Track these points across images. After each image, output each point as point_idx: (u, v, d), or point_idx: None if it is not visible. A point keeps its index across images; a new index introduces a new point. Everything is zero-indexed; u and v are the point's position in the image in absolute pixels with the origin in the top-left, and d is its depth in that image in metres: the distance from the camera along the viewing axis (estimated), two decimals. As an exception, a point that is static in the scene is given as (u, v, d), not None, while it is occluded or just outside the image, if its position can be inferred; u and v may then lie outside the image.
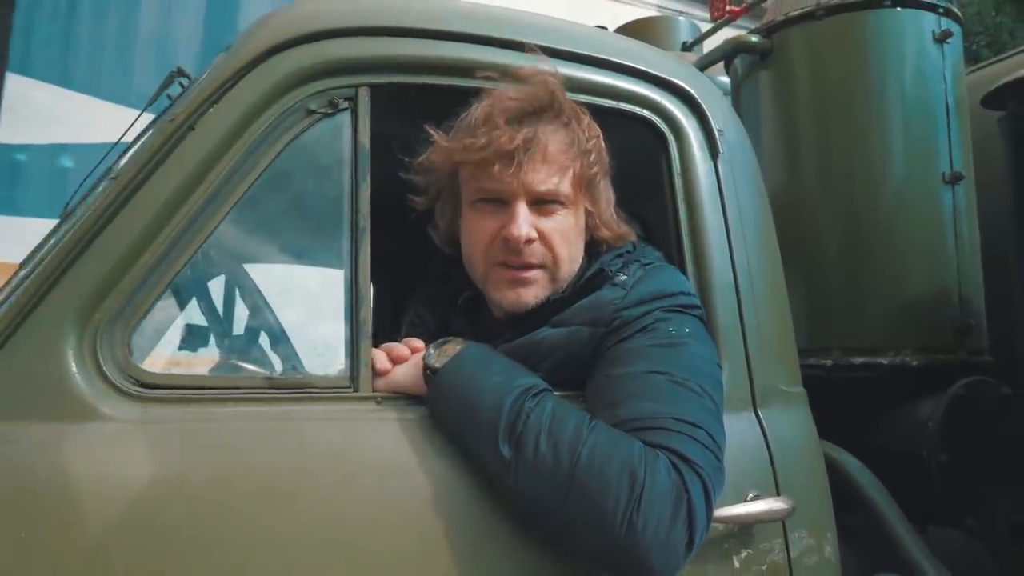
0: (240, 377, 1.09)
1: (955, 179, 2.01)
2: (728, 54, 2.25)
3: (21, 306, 0.99)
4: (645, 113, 1.40)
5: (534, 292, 1.19)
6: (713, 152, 1.42)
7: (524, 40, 1.29)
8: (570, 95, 1.26)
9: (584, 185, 1.22)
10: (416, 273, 1.50)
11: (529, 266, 1.18)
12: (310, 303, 1.18)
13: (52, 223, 1.70)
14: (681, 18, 2.89)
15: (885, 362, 1.93)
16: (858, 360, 1.95)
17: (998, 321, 2.06)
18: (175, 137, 1.11)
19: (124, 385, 1.00)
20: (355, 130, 1.20)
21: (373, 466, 1.04)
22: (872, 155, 2.02)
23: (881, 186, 2.01)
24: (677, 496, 0.96)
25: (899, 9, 2.02)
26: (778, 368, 1.38)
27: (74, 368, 0.99)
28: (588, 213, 1.25)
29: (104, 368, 1.00)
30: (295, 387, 1.08)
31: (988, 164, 2.13)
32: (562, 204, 1.19)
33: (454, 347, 1.11)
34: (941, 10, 2.05)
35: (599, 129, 1.26)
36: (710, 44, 2.86)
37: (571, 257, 1.22)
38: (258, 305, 1.24)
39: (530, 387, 1.05)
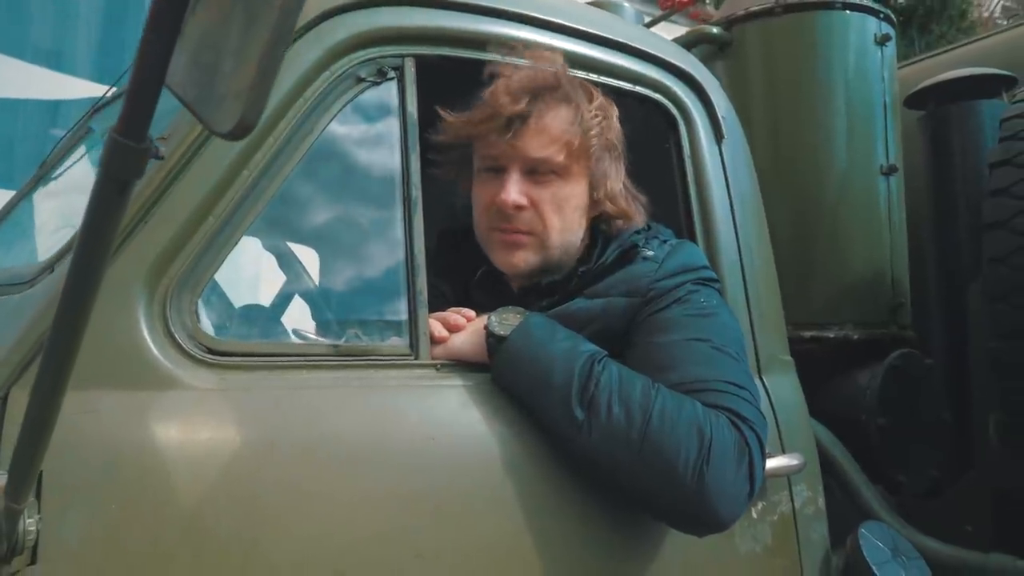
0: (306, 344, 1.08)
1: (890, 171, 2.21)
2: (689, 44, 2.36)
3: (88, 270, 0.95)
4: (657, 96, 1.48)
5: (523, 256, 1.26)
6: (718, 136, 1.52)
7: (560, 21, 1.35)
8: (592, 76, 1.34)
9: (585, 159, 1.27)
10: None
11: (518, 231, 1.25)
12: (364, 272, 1.18)
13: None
14: (626, 5, 2.98)
15: (831, 336, 2.12)
16: (807, 334, 2.12)
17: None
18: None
19: (196, 352, 0.98)
20: (402, 100, 1.20)
21: (446, 430, 1.07)
22: (819, 147, 2.20)
23: (827, 176, 2.19)
24: (739, 451, 1.05)
25: (847, 12, 2.20)
26: (775, 338, 1.51)
27: (147, 335, 0.96)
28: (592, 187, 1.30)
29: (175, 335, 0.97)
30: (360, 354, 1.09)
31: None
32: (557, 174, 1.25)
33: (516, 316, 1.15)
34: (882, 15, 2.25)
35: (612, 108, 1.32)
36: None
37: (563, 227, 1.27)
38: (312, 273, 1.22)
39: (594, 352, 1.11)
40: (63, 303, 0.62)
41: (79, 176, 1.59)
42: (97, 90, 4.30)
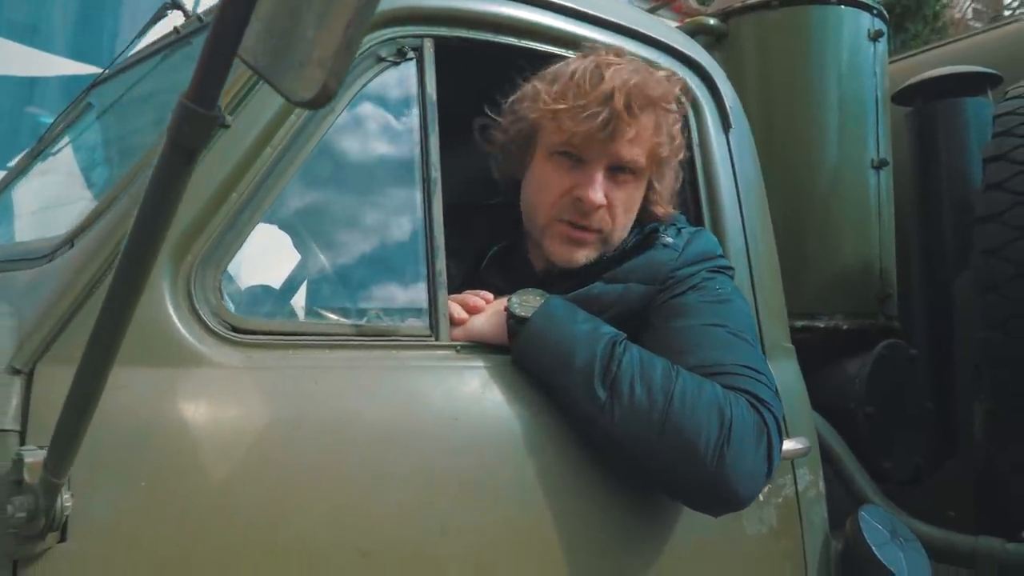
0: (328, 324, 1.08)
1: (881, 164, 2.25)
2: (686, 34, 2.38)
3: (111, 250, 0.93)
4: (667, 85, 1.49)
5: (586, 253, 1.26)
6: (725, 126, 1.54)
7: (575, 6, 1.35)
8: None
9: (656, 164, 1.28)
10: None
11: (589, 228, 1.24)
12: (384, 253, 1.18)
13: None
14: (620, -4, 2.99)
15: (821, 325, 2.16)
16: (799, 323, 2.15)
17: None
18: (248, 81, 1.06)
19: (220, 330, 0.97)
20: (422, 81, 1.20)
21: (469, 411, 1.08)
22: (812, 140, 2.23)
23: (819, 169, 2.22)
24: (758, 431, 1.07)
25: (842, 7, 2.23)
26: (777, 325, 1.53)
27: (172, 312, 0.94)
28: (651, 189, 1.30)
29: (200, 312, 0.96)
30: (381, 335, 1.09)
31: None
32: (634, 176, 1.26)
33: (536, 298, 1.15)
34: (875, 11, 2.28)
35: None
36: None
37: (625, 226, 1.29)
38: (331, 252, 1.21)
39: (615, 334, 1.12)
40: (119, 273, 0.61)
41: (74, 153, 1.56)
42: (74, 67, 4.22)
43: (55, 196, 1.43)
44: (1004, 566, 1.55)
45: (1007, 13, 10.95)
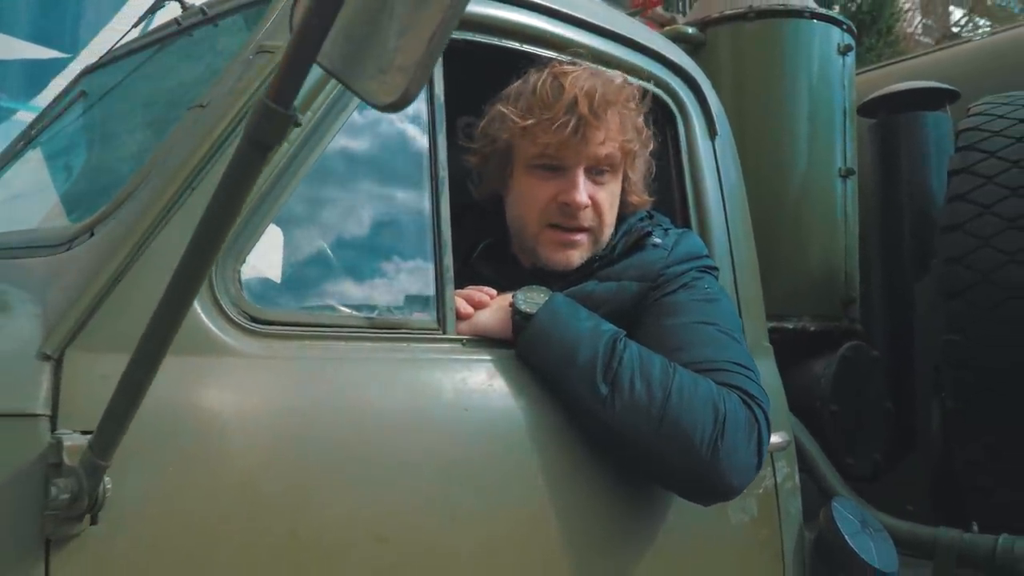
0: (342, 316, 1.10)
1: (848, 173, 2.35)
2: (665, 43, 2.45)
3: (136, 240, 0.95)
4: (658, 92, 1.55)
5: (580, 253, 1.32)
6: (711, 132, 1.61)
7: (573, 13, 1.40)
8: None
9: (629, 158, 1.34)
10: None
11: (580, 229, 1.30)
12: (393, 249, 1.21)
13: None
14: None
15: (790, 327, 2.25)
16: (768, 324, 2.24)
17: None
18: (269, 75, 1.08)
19: (241, 320, 0.99)
20: (430, 82, 1.23)
21: (479, 402, 1.12)
22: (783, 148, 2.32)
23: (789, 176, 2.31)
24: (750, 426, 1.13)
25: (815, 21, 2.32)
26: (758, 324, 1.61)
27: (196, 303, 0.96)
28: (625, 180, 1.37)
29: (222, 303, 0.98)
30: (392, 328, 1.12)
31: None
32: (611, 172, 1.32)
33: (540, 295, 1.20)
34: (845, 26, 2.39)
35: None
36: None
37: (612, 222, 1.35)
38: (343, 247, 1.23)
39: (616, 332, 1.17)
40: (185, 260, 0.64)
41: (72, 141, 1.55)
42: (36, 51, 4.11)
43: (51, 184, 1.42)
44: (962, 555, 1.64)
45: (955, 29, 11.40)
